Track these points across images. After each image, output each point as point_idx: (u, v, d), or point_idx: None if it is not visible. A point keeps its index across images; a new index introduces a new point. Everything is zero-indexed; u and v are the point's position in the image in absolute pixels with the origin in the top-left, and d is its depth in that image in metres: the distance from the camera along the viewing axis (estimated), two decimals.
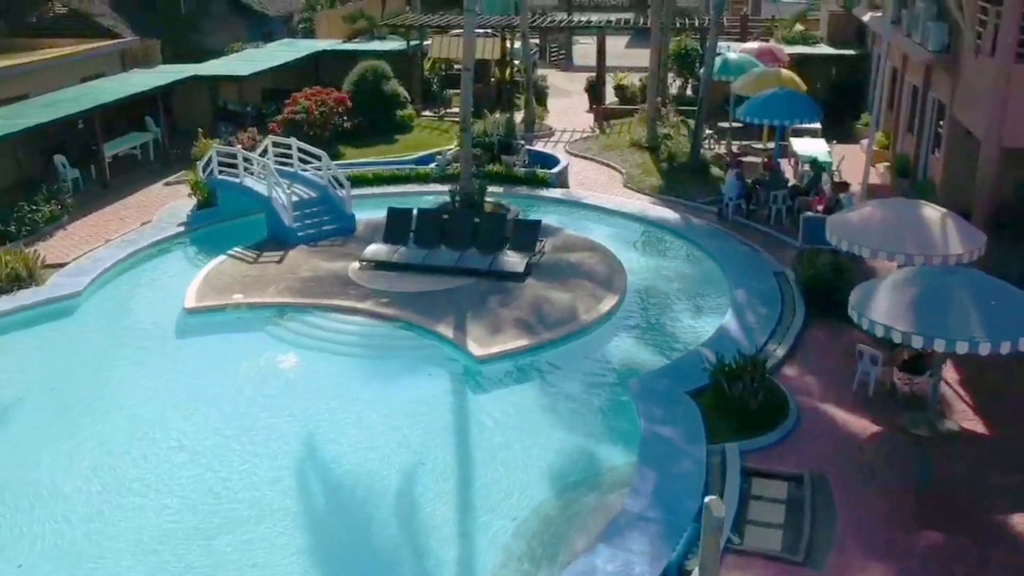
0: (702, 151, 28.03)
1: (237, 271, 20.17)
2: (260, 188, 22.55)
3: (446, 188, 24.25)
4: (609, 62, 36.26)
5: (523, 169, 26.57)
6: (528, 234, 20.64)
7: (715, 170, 26.89)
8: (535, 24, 35.69)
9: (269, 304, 18.58)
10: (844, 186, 21.99)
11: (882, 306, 11.99)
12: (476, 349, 16.30)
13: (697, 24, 34.28)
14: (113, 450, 13.86)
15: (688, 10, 41.92)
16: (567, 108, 37.82)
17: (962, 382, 15.11)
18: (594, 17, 57.23)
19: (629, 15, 55.31)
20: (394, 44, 36.91)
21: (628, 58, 46.93)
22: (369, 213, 23.27)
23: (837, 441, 13.61)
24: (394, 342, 17.28)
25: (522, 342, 16.57)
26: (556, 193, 25.59)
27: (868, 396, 14.69)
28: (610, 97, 36.95)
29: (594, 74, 35.99)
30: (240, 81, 31.02)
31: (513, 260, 19.81)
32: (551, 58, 49.40)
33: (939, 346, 11.36)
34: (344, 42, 38.01)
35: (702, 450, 13.14)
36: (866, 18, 30.92)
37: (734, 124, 30.51)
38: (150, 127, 30.27)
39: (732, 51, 31.62)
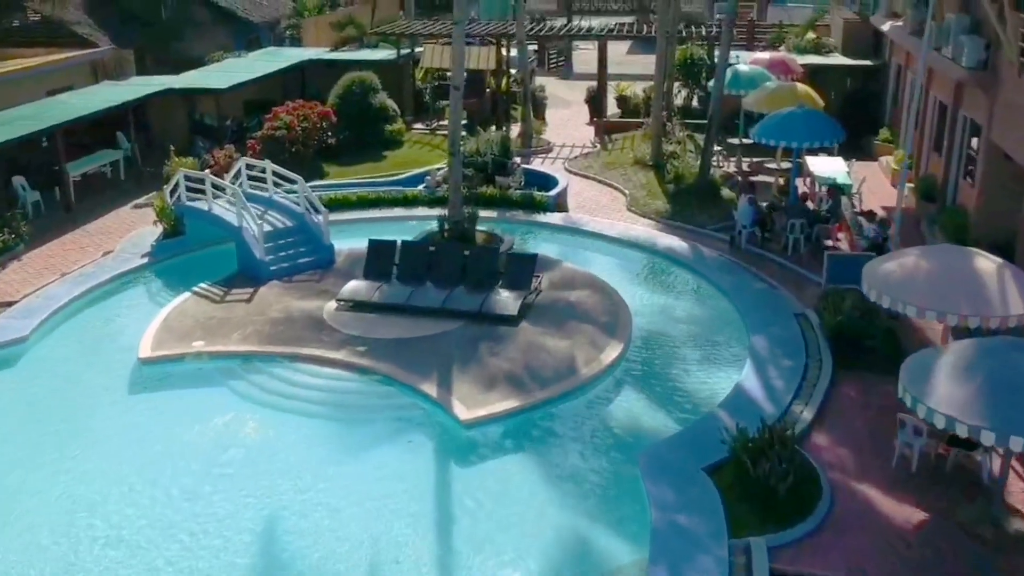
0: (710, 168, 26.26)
1: (201, 312, 18.25)
2: (230, 217, 20.62)
3: (435, 212, 22.40)
4: (610, 69, 34.30)
5: (519, 191, 24.65)
6: (523, 270, 18.72)
7: (725, 191, 24.99)
8: (532, 32, 33.77)
9: (233, 353, 16.67)
10: (871, 215, 20.06)
11: (941, 391, 10.08)
12: (462, 411, 14.38)
13: (704, 32, 32.32)
14: (40, 542, 11.94)
15: (693, 16, 39.99)
16: (567, 120, 35.93)
17: None
18: (595, 21, 55.36)
19: (631, 19, 53.74)
20: (384, 53, 35.02)
21: (630, 65, 45.08)
22: (351, 242, 21.38)
23: (879, 533, 11.68)
24: (371, 400, 15.37)
25: (513, 402, 14.65)
26: (554, 218, 23.67)
27: (911, 472, 12.78)
28: (611, 108, 35.06)
29: (595, 83, 34.03)
30: (217, 94, 29.08)
31: (506, 300, 17.89)
32: (550, 65, 47.52)
33: (1016, 445, 9.43)
34: (331, 50, 36.10)
35: (723, 546, 11.23)
36: (885, 27, 28.99)
37: (744, 141, 28.59)
38: (122, 143, 28.39)
39: (742, 62, 29.73)
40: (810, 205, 22.01)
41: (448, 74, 36.95)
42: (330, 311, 18.14)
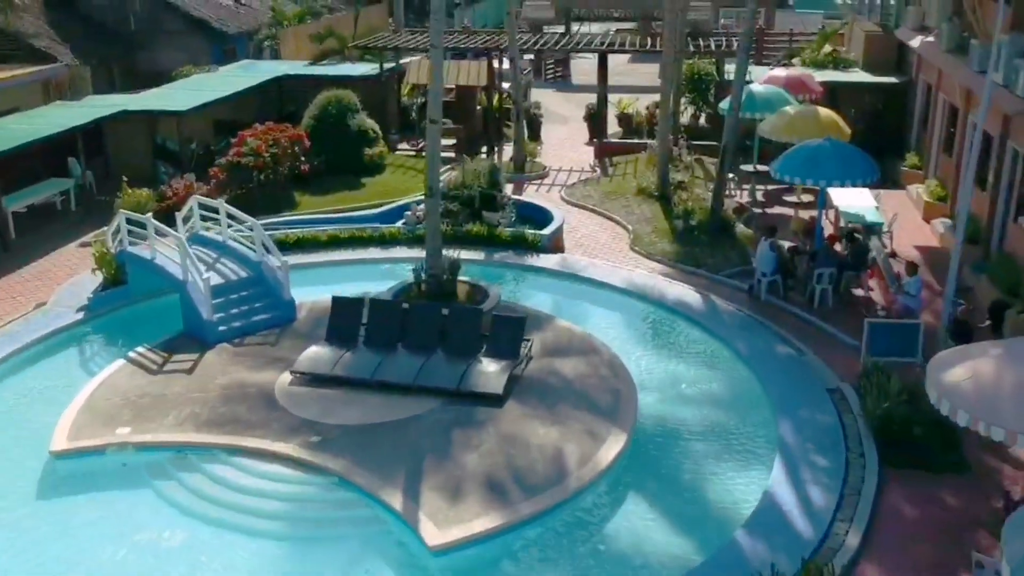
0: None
1: (133, 386, 15.60)
2: (175, 268, 17.99)
3: (416, 254, 19.85)
4: (611, 79, 31.49)
5: (509, 229, 22.03)
6: (510, 335, 16.06)
7: (740, 227, 22.36)
8: (526, 47, 31.11)
9: (163, 444, 14.03)
10: (913, 267, 17.42)
11: None
12: (431, 533, 11.73)
13: (714, 47, 29.66)
14: None
15: (699, 24, 37.29)
16: (564, 139, 33.31)
17: None
18: (595, 27, 52.80)
19: (632, 24, 51.12)
20: (367, 67, 32.37)
21: (632, 74, 42.48)
22: (318, 291, 18.78)
23: None
24: (324, 511, 12.74)
25: (493, 520, 12.00)
26: (549, 261, 21.03)
27: None
28: (612, 126, 32.42)
29: (595, 97, 31.30)
30: (178, 117, 26.44)
31: (490, 374, 15.24)
32: (547, 76, 44.89)
33: None
34: (311, 64, 33.45)
35: None
36: (914, 43, 26.36)
37: (759, 168, 25.98)
38: (73, 171, 25.79)
39: (755, 80, 27.13)
40: (838, 248, 19.36)
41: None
42: (284, 386, 15.51)
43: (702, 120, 32.71)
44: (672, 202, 24.03)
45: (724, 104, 25.37)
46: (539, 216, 23.58)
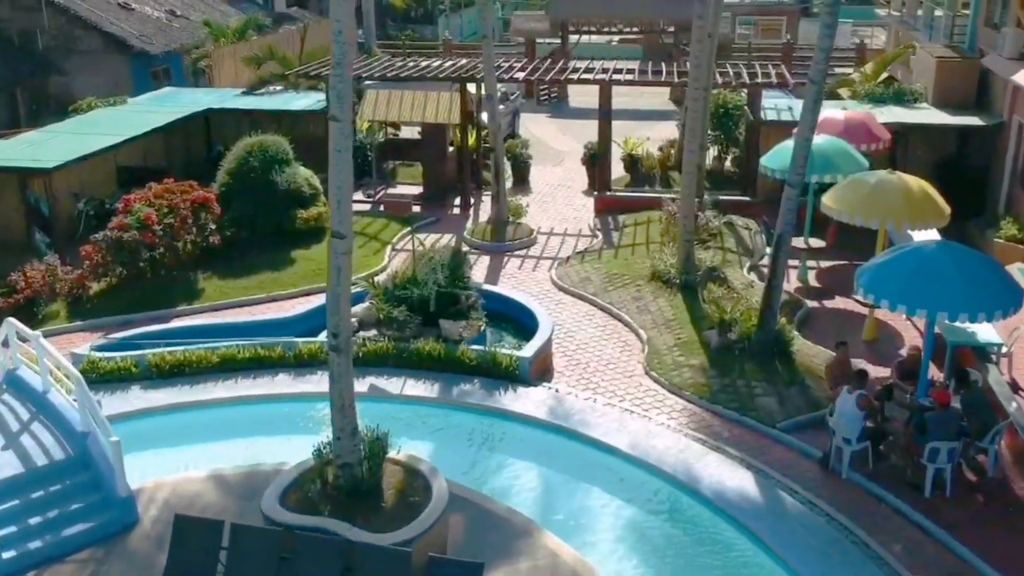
0: (754, 273, 17.67)
1: None
2: None
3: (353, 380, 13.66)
4: (614, 100, 24.75)
5: (475, 347, 15.73)
6: None
7: (798, 343, 16.07)
8: (508, 76, 24.81)
9: None
10: None
11: None
12: None
13: (746, 75, 23.32)
14: None
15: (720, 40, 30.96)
16: (558, 185, 27.05)
17: None
18: (595, 39, 46.44)
19: (637, 33, 44.71)
20: (317, 97, 26.11)
21: (634, 94, 35.88)
22: (189, 456, 12.61)
23: None
24: None
25: None
26: (530, 401, 14.73)
27: None
28: (616, 168, 25.99)
29: (595, 125, 24.72)
30: (46, 173, 20.21)
31: None
32: (540, 97, 38.49)
33: None
34: (245, 93, 27.18)
35: None
36: (1018, 77, 20.06)
37: (813, 243, 19.76)
38: None
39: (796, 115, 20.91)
40: (955, 404, 12.98)
41: (394, 129, 28.40)
42: None
43: (728, 162, 26.47)
44: (700, 296, 17.73)
45: (769, 161, 19.09)
46: (518, 317, 17.38)
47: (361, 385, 14.95)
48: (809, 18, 49.36)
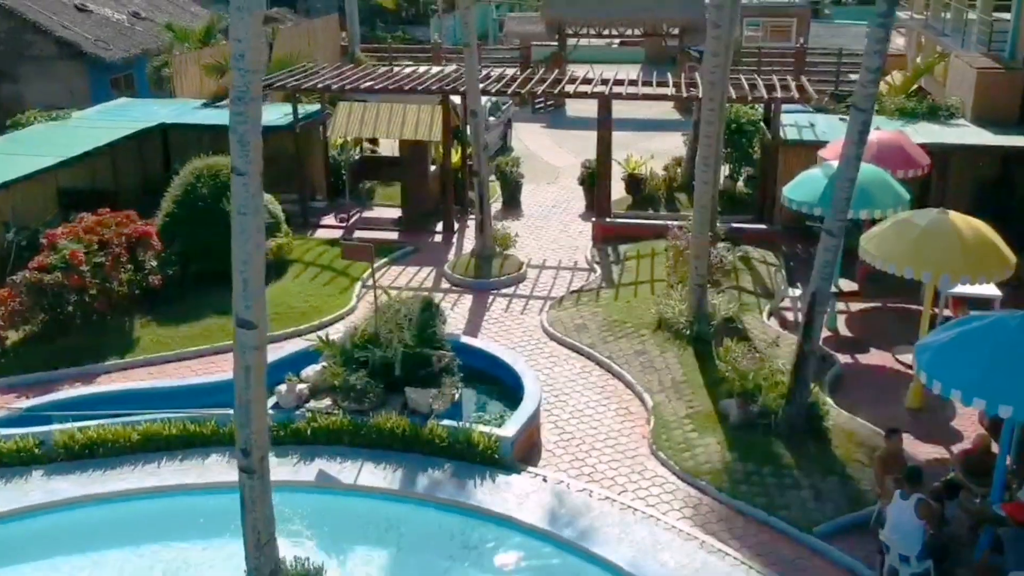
0: (775, 320, 15.11)
1: None
2: None
3: (299, 474, 11.24)
4: (613, 111, 22.11)
5: (447, 423, 13.08)
6: None
7: (834, 417, 13.46)
8: (495, 90, 22.18)
9: None
10: None
11: None
12: None
13: (764, 89, 20.68)
14: None
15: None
16: (553, 207, 24.50)
17: None
18: (596, 42, 43.78)
19: (639, 34, 41.97)
20: (284, 110, 23.52)
21: (634, 102, 33.47)
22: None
23: None
24: None
25: None
26: (510, 499, 12.04)
27: None
28: (617, 187, 23.29)
29: (595, 135, 21.97)
30: None
31: None
32: (535, 105, 35.85)
33: None
34: (205, 105, 24.55)
35: None
36: None
37: (845, 285, 17.17)
38: None
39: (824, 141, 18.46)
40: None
41: (372, 144, 25.81)
42: None
43: (740, 183, 23.87)
44: (715, 351, 15.12)
45: (793, 192, 16.47)
46: (500, 377, 14.79)
47: (308, 471, 12.42)
48: (819, 21, 46.70)
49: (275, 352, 15.60)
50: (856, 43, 42.13)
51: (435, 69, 28.85)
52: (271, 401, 13.72)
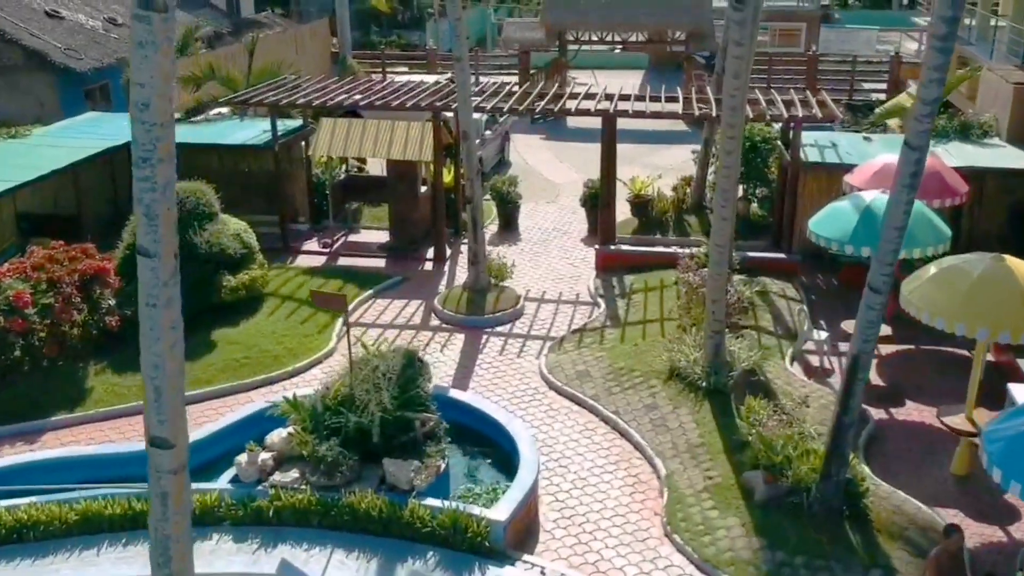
0: (799, 365, 13.39)
1: None
2: None
3: (244, 563, 9.60)
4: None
5: (430, 502, 11.37)
6: None
7: (873, 486, 11.77)
8: (490, 107, 20.52)
9: None
10: None
11: None
12: None
13: (784, 112, 18.96)
14: None
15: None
16: (552, 229, 22.83)
17: None
18: (599, 48, 42.01)
19: (643, 38, 40.19)
20: (261, 127, 21.85)
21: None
22: None
23: None
24: None
25: None
26: None
27: None
28: (623, 208, 21.57)
29: (597, 148, 20.21)
30: None
31: None
32: (535, 116, 34.04)
33: None
34: (178, 120, 22.79)
35: None
36: None
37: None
38: None
39: (850, 159, 16.83)
40: None
41: (360, 163, 24.11)
42: None
43: (755, 206, 22.18)
44: (734, 408, 13.44)
45: (819, 227, 14.80)
46: (494, 434, 13.11)
47: (270, 560, 10.73)
48: (829, 26, 44.99)
49: (239, 410, 14.01)
50: (866, 49, 40.60)
51: (430, 78, 27.27)
52: (230, 474, 12.07)
